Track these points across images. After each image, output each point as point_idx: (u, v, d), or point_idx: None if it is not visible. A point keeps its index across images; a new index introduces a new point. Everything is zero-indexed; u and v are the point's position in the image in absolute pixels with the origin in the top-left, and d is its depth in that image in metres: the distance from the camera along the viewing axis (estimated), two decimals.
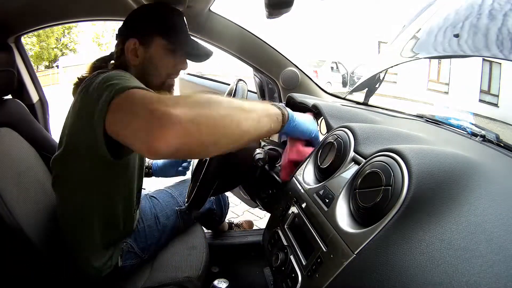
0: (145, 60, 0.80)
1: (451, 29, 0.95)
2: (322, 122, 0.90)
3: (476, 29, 0.86)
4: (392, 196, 0.43)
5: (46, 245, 0.83)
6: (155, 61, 0.80)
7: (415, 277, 0.36)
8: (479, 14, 0.88)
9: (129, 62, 0.80)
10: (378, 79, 1.26)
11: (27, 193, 0.87)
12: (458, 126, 0.81)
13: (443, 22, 1.03)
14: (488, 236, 0.37)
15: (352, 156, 0.59)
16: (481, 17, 0.86)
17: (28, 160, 0.96)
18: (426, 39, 1.10)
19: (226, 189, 1.05)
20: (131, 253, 0.91)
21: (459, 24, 0.92)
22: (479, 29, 0.85)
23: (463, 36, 0.89)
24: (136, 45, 0.78)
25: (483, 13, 0.87)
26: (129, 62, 0.80)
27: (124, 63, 0.81)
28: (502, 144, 0.67)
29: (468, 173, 0.46)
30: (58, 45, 20.65)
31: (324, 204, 0.55)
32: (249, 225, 1.65)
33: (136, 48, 0.79)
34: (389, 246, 0.40)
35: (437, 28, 1.05)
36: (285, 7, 0.74)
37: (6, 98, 1.06)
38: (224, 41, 1.24)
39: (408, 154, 0.45)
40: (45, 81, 16.15)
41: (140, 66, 0.80)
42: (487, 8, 0.88)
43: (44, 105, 1.34)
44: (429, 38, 1.08)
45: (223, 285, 0.83)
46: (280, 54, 1.29)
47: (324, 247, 0.50)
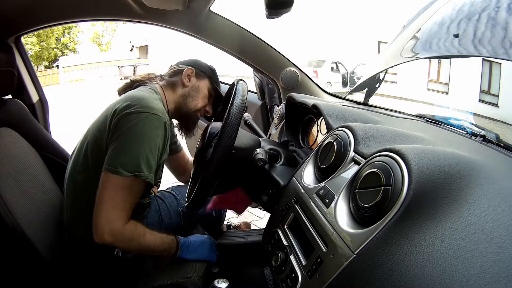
0: (193, 86, 1.02)
1: (451, 29, 0.95)
2: (322, 122, 0.90)
3: (476, 29, 0.86)
4: (392, 196, 0.43)
5: (46, 245, 0.83)
6: (199, 91, 1.03)
7: (415, 277, 0.36)
8: (479, 14, 0.88)
9: (180, 82, 1.01)
10: (378, 79, 1.26)
11: (27, 192, 0.87)
12: (458, 126, 0.81)
13: (443, 22, 1.03)
14: (488, 236, 0.37)
15: (352, 156, 0.59)
16: (481, 17, 0.86)
17: (28, 160, 0.96)
18: (426, 39, 1.10)
19: (226, 189, 1.05)
20: None
21: (459, 24, 0.92)
22: (479, 29, 0.85)
23: (463, 36, 0.89)
24: (192, 73, 1.02)
25: (483, 13, 0.87)
26: (180, 82, 1.01)
27: (173, 82, 1.02)
28: (502, 144, 0.67)
29: (468, 173, 0.46)
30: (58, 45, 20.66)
31: (324, 204, 0.55)
32: (247, 227, 1.65)
33: (190, 75, 1.01)
34: (389, 246, 0.40)
35: (437, 28, 1.04)
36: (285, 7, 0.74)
37: (6, 98, 1.06)
38: (224, 41, 1.24)
39: (408, 154, 0.45)
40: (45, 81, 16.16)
41: (188, 89, 1.01)
42: (487, 8, 0.88)
43: (44, 105, 1.33)
44: (429, 38, 1.08)
45: (223, 285, 0.83)
46: (280, 54, 1.29)
47: (324, 247, 0.50)
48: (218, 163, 0.70)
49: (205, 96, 1.04)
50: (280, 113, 1.12)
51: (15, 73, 1.04)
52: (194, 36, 1.23)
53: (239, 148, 0.76)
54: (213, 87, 1.06)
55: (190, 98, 1.02)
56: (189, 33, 1.22)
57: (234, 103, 0.71)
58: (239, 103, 0.71)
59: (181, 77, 1.01)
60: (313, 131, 0.99)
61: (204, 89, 1.04)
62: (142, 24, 1.17)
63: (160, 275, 0.91)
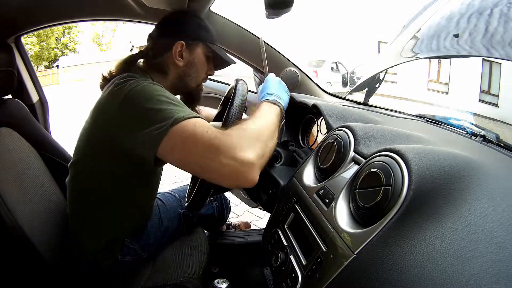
0: (188, 62, 0.85)
1: (451, 29, 0.95)
2: (322, 122, 0.90)
3: (476, 29, 0.86)
4: (392, 196, 0.43)
5: (46, 245, 0.82)
6: (197, 64, 0.87)
7: (415, 277, 0.36)
8: (479, 14, 0.88)
9: (171, 64, 0.84)
10: (378, 79, 1.26)
11: (27, 192, 0.87)
12: (458, 126, 0.81)
13: (443, 22, 1.03)
14: (487, 236, 0.37)
15: (352, 156, 0.59)
16: (481, 17, 0.86)
17: (28, 160, 0.96)
18: (426, 39, 1.10)
19: (226, 189, 1.05)
20: (131, 249, 0.91)
21: (459, 24, 0.92)
22: (479, 29, 0.85)
23: (463, 36, 0.89)
24: (183, 48, 0.83)
25: (483, 13, 0.87)
26: (171, 64, 0.84)
27: (163, 63, 0.84)
28: (502, 144, 0.67)
29: (468, 173, 0.46)
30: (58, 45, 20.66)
31: (324, 204, 0.55)
32: (246, 226, 1.65)
33: (182, 50, 0.83)
34: (389, 246, 0.40)
35: (437, 28, 1.04)
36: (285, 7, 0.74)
37: (6, 98, 1.06)
38: (224, 41, 1.24)
39: (408, 154, 0.45)
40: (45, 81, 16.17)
41: (183, 69, 0.85)
42: (487, 8, 0.88)
43: (44, 105, 1.34)
44: (429, 38, 1.08)
45: (223, 285, 0.83)
46: (280, 54, 1.29)
47: (324, 247, 0.50)
48: None
49: (204, 64, 0.88)
50: None
51: (15, 73, 1.04)
52: None
53: None
54: (210, 49, 0.88)
55: (188, 77, 0.87)
56: None
57: (234, 103, 0.71)
58: (239, 103, 0.71)
59: (170, 57, 0.83)
60: (313, 131, 0.99)
61: (201, 58, 0.87)
62: (142, 24, 1.17)
63: (160, 275, 0.91)
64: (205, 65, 0.89)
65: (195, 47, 0.85)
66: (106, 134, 0.71)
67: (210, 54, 0.89)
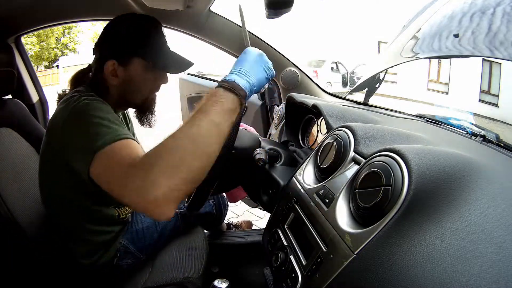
0: (125, 80, 0.78)
1: (451, 29, 0.95)
2: (322, 122, 0.90)
3: (476, 29, 0.86)
4: (392, 196, 0.43)
5: (46, 244, 0.83)
6: (135, 80, 0.79)
7: (415, 277, 0.36)
8: (479, 14, 0.88)
9: (108, 81, 0.78)
10: (378, 79, 1.26)
11: (27, 192, 0.87)
12: (458, 126, 0.81)
13: (443, 22, 1.03)
14: (487, 236, 0.37)
15: (352, 156, 0.59)
16: (481, 17, 0.86)
17: (28, 160, 0.96)
18: (426, 39, 1.10)
19: (226, 189, 1.05)
20: (128, 253, 0.91)
21: (459, 24, 0.92)
22: (479, 29, 0.85)
23: (464, 35, 0.89)
24: (115, 66, 0.76)
25: (483, 13, 0.87)
26: (108, 81, 0.78)
27: (102, 81, 0.78)
28: (502, 144, 0.67)
29: (468, 173, 0.46)
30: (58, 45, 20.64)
31: (324, 204, 0.55)
32: (248, 225, 1.65)
33: (115, 69, 0.77)
34: (389, 246, 0.40)
35: (437, 28, 1.04)
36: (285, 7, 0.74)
37: (6, 98, 1.06)
38: (224, 41, 1.24)
39: (408, 154, 0.45)
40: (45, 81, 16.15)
41: (121, 86, 0.79)
42: (487, 8, 0.88)
43: (44, 105, 1.34)
44: (429, 38, 1.08)
45: (223, 285, 0.83)
46: (280, 54, 1.29)
47: (324, 247, 0.50)
48: (218, 163, 0.70)
49: (145, 78, 0.79)
50: (280, 113, 1.12)
51: (15, 73, 1.04)
52: (194, 36, 1.23)
53: (239, 148, 0.76)
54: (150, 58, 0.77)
55: (129, 94, 0.80)
56: (189, 33, 1.22)
57: None
58: None
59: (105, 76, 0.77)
60: (313, 131, 0.99)
61: (139, 73, 0.78)
62: None
63: (160, 275, 0.91)
64: (149, 77, 0.80)
65: (129, 63, 0.77)
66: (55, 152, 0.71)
67: (151, 64, 0.78)
